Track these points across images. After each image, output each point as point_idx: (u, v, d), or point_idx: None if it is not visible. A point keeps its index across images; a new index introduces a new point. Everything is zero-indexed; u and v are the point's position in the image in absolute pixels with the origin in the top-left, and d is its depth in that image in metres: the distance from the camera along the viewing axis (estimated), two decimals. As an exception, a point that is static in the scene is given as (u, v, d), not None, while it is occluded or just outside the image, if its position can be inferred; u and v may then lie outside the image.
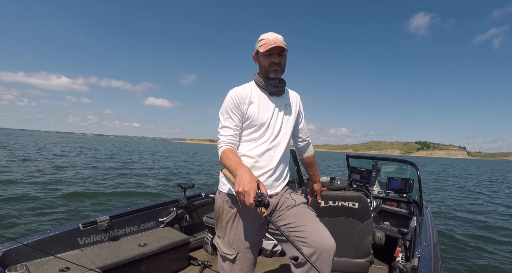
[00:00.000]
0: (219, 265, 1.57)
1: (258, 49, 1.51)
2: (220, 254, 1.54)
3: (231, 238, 1.49)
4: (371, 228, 2.04)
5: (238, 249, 1.48)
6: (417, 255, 1.80)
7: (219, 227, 1.55)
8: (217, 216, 1.56)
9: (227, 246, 1.50)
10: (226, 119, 1.50)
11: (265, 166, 1.51)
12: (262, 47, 1.47)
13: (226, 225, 1.50)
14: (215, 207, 1.57)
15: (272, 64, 1.49)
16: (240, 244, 1.49)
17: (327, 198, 2.04)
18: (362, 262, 2.02)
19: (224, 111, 1.51)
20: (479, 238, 5.71)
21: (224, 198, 1.51)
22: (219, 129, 1.51)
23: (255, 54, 1.57)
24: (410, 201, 3.14)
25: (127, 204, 7.29)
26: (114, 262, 2.16)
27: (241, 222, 1.49)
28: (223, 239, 1.52)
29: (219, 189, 1.56)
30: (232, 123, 1.49)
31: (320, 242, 1.37)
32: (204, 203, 3.40)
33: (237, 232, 1.49)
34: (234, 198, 1.46)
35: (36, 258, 2.05)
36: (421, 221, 2.59)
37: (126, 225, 2.65)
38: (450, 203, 9.87)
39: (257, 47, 1.53)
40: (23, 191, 7.53)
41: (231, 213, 1.49)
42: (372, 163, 3.60)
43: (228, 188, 1.50)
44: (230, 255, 1.48)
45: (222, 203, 1.52)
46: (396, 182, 3.33)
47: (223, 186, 1.53)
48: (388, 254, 2.67)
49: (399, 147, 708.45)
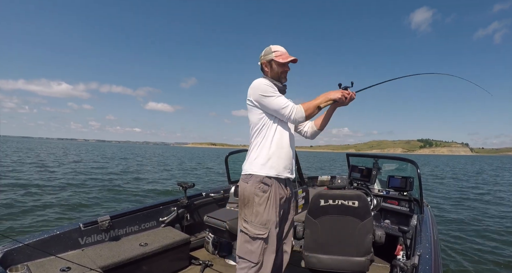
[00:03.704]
0: (243, 251, 1.74)
1: (275, 58, 1.80)
2: (249, 237, 1.72)
3: (264, 219, 1.72)
4: (371, 226, 2.04)
5: (269, 228, 1.72)
6: (417, 253, 1.80)
7: (247, 212, 1.74)
8: (245, 202, 1.75)
9: (259, 227, 1.71)
10: (278, 96, 1.74)
11: (291, 156, 1.84)
12: (281, 58, 1.79)
13: (259, 208, 1.72)
14: (243, 194, 1.76)
15: (285, 73, 1.84)
16: (271, 224, 1.73)
17: (327, 196, 2.04)
18: (362, 260, 2.02)
19: (269, 91, 1.72)
20: (480, 236, 5.70)
21: (255, 185, 1.72)
22: (282, 105, 1.71)
23: (266, 61, 1.83)
24: (411, 199, 3.14)
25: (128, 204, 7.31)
26: (115, 262, 2.16)
27: (272, 204, 1.74)
28: (253, 222, 1.72)
29: (247, 178, 1.75)
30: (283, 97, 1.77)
31: (280, 265, 1.93)
32: (205, 202, 3.41)
33: (270, 213, 1.73)
34: (266, 183, 1.73)
35: (37, 258, 2.06)
36: (421, 219, 2.59)
37: (127, 224, 2.66)
38: (450, 201, 9.86)
39: (271, 56, 1.81)
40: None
41: (264, 197, 1.72)
42: (372, 161, 3.60)
43: (262, 176, 1.73)
44: (262, 234, 1.71)
45: (254, 189, 1.72)
46: (396, 180, 3.32)
47: (255, 172, 1.74)
48: (388, 252, 2.67)
49: (402, 145, 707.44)
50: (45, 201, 6.89)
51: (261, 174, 1.74)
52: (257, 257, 1.72)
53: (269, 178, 1.74)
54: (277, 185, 1.78)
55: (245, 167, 1.81)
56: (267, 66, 1.85)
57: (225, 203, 3.48)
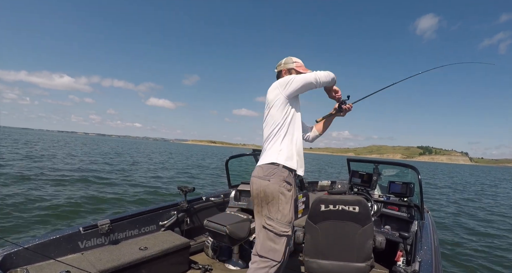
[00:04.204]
0: (266, 249, 1.74)
1: (295, 68, 1.99)
2: (273, 235, 1.74)
3: (290, 217, 1.78)
4: (371, 232, 2.04)
5: (291, 226, 1.80)
6: (418, 260, 1.79)
7: (272, 209, 1.76)
8: (269, 200, 1.76)
9: (285, 225, 1.75)
10: (305, 73, 1.88)
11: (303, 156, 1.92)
12: (301, 69, 1.99)
13: (285, 206, 1.76)
14: (265, 191, 1.76)
15: None
16: (292, 221, 1.82)
17: (328, 202, 2.04)
18: (363, 266, 2.01)
19: (294, 75, 1.88)
20: (480, 243, 5.67)
21: (279, 183, 1.76)
22: (314, 75, 1.83)
23: (286, 69, 2.01)
24: (411, 205, 3.13)
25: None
26: (115, 265, 2.16)
27: (293, 203, 1.81)
28: (280, 219, 1.75)
29: (270, 173, 1.77)
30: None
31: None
32: (205, 206, 3.40)
33: (292, 211, 1.80)
34: (289, 182, 1.79)
35: (36, 261, 2.05)
36: (422, 225, 2.58)
37: (126, 228, 2.66)
38: (452, 207, 9.83)
39: (292, 66, 2.00)
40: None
41: (289, 195, 1.78)
42: (373, 167, 3.60)
43: (287, 172, 1.78)
44: (287, 232, 1.76)
45: (279, 188, 1.75)
46: (397, 186, 3.32)
47: (281, 162, 1.78)
48: (389, 258, 2.66)
49: (401, 151, 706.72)
50: (46, 203, 6.87)
51: (288, 166, 1.78)
52: (280, 256, 1.74)
53: (290, 175, 1.81)
54: (295, 183, 1.87)
55: (266, 157, 1.82)
56: (286, 74, 2.00)
57: (225, 207, 3.47)
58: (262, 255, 1.75)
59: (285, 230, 1.75)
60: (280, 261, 1.74)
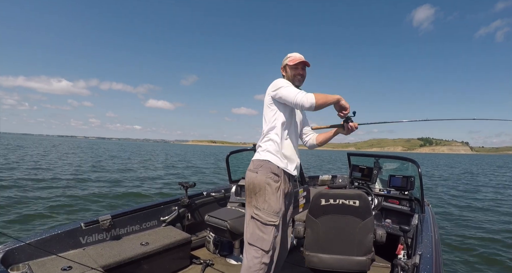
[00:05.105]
0: (255, 238, 1.80)
1: (288, 63, 1.97)
2: (261, 224, 1.79)
3: (277, 207, 1.82)
4: (372, 226, 2.04)
5: (280, 216, 1.83)
6: (418, 253, 1.80)
7: (260, 199, 1.81)
8: (256, 191, 1.82)
9: (271, 214, 1.80)
10: (291, 86, 1.85)
11: (296, 155, 1.98)
12: (291, 61, 1.95)
13: (271, 196, 1.81)
14: (253, 183, 1.83)
15: (297, 75, 1.96)
16: (281, 212, 1.86)
17: (328, 196, 2.04)
18: (363, 259, 2.01)
19: (287, 84, 1.85)
20: (481, 236, 5.70)
21: (266, 174, 1.82)
22: (296, 94, 1.77)
23: (283, 67, 2.02)
24: (412, 198, 3.13)
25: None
26: (116, 261, 2.17)
27: (281, 195, 1.86)
28: (266, 209, 1.80)
29: (257, 167, 1.85)
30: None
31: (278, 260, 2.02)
32: (206, 202, 3.41)
33: (280, 202, 1.84)
34: (276, 174, 1.84)
35: (38, 257, 2.06)
36: (422, 218, 2.59)
37: (128, 224, 2.66)
38: (452, 200, 9.85)
39: (286, 62, 1.99)
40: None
41: (276, 187, 1.83)
42: (373, 160, 3.60)
43: (275, 166, 1.84)
44: (274, 221, 1.80)
45: (265, 179, 1.81)
46: (397, 180, 3.32)
47: (268, 159, 1.84)
48: (389, 251, 2.67)
49: (402, 144, 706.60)
50: (46, 201, 6.90)
51: (273, 162, 1.84)
52: (268, 245, 1.79)
53: (279, 169, 1.85)
54: (284, 178, 1.90)
55: (257, 154, 1.93)
56: (284, 71, 2.04)
57: (226, 202, 3.48)
58: (251, 243, 1.81)
59: (272, 219, 1.80)
60: (268, 250, 1.79)
